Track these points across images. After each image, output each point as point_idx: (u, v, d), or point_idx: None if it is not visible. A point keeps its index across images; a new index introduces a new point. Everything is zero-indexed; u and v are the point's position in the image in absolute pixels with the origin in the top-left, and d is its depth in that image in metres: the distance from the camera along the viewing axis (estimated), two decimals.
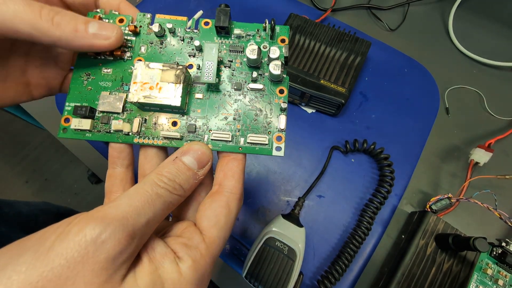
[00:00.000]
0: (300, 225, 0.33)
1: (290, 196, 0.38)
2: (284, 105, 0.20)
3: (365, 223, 0.34)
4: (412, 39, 0.48)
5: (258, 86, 0.20)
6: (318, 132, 0.41)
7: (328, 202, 0.37)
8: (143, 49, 0.21)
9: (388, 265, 0.34)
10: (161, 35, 0.21)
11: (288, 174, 0.39)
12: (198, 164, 0.17)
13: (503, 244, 0.29)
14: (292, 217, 0.34)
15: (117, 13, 0.21)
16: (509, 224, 0.30)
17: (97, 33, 0.18)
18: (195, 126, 0.20)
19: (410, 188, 0.38)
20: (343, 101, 0.37)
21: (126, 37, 0.21)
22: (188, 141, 0.19)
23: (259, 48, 0.19)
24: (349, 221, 0.36)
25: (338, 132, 0.41)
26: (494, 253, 0.29)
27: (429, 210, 0.34)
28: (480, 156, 0.36)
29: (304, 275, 0.33)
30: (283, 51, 0.20)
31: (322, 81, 0.38)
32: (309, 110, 0.42)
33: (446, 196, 0.34)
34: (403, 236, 0.34)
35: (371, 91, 0.43)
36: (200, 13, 0.47)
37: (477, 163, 0.37)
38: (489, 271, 0.28)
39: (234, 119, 0.20)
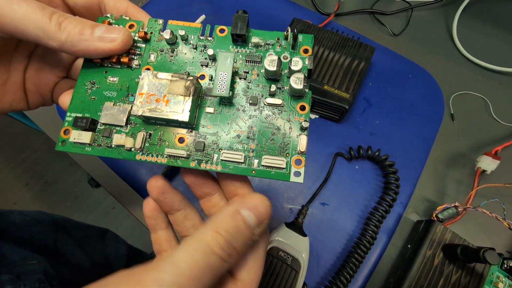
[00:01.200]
0: (303, 234, 0.32)
1: (293, 203, 0.37)
2: (306, 124, 0.17)
3: (370, 232, 0.33)
4: (416, 44, 0.47)
5: (277, 101, 0.18)
6: (321, 138, 0.40)
7: (332, 210, 0.36)
8: (152, 57, 0.19)
9: (394, 275, 0.33)
10: (172, 43, 0.20)
11: None
12: (258, 221, 0.15)
13: None
14: (296, 226, 0.33)
15: (127, 18, 0.20)
16: None
17: (102, 36, 0.17)
18: (204, 144, 0.18)
19: (415, 196, 0.37)
20: (347, 106, 0.36)
21: (135, 44, 0.20)
22: (196, 162, 0.17)
23: (279, 58, 0.17)
24: (354, 229, 0.35)
25: (342, 138, 0.40)
26: (505, 266, 0.28)
27: (435, 219, 0.33)
28: (487, 163, 0.36)
29: (308, 285, 0.32)
30: (307, 63, 0.18)
31: (325, 87, 0.38)
32: (313, 116, 0.41)
33: (453, 205, 0.34)
34: (409, 246, 0.34)
35: (375, 97, 0.42)
36: (202, 17, 0.46)
37: (484, 170, 0.36)
38: (500, 285, 0.27)
39: (248, 137, 0.18)
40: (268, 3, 0.49)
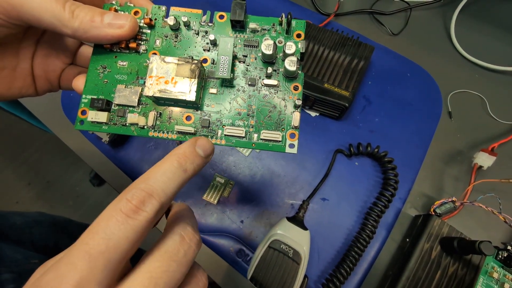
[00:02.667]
0: (304, 228, 0.33)
1: (294, 199, 0.38)
2: (299, 102, 0.19)
3: (369, 226, 0.34)
4: (415, 43, 0.48)
5: (273, 82, 0.20)
6: (322, 135, 0.41)
7: (332, 205, 0.37)
8: (158, 43, 0.21)
9: (392, 268, 0.34)
10: (176, 29, 0.21)
11: (292, 177, 0.39)
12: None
13: (509, 247, 0.29)
14: (297, 220, 0.34)
15: (132, 5, 0.21)
16: None
17: (111, 23, 0.18)
18: (209, 121, 0.20)
19: (414, 192, 0.38)
20: (346, 104, 0.37)
21: (141, 30, 0.21)
22: (202, 136, 0.20)
23: (274, 43, 0.19)
24: (353, 224, 0.36)
25: (342, 135, 0.41)
26: (500, 256, 0.29)
27: (433, 213, 0.34)
28: (484, 160, 0.37)
29: (309, 278, 0.33)
30: (299, 47, 0.20)
31: (326, 85, 0.38)
32: (313, 114, 0.42)
33: (450, 200, 0.35)
34: (407, 240, 0.34)
35: (375, 95, 0.43)
36: (204, 18, 0.47)
37: (480, 166, 0.37)
38: (495, 275, 0.28)
39: (248, 115, 0.20)
40: (268, 3, 0.50)
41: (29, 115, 0.87)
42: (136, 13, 0.21)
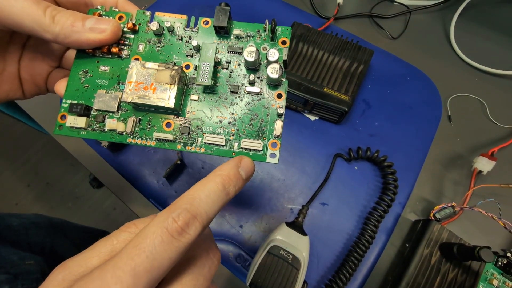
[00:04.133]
0: (304, 233, 0.33)
1: (293, 203, 0.38)
2: (281, 111, 0.19)
3: (369, 231, 0.34)
4: (414, 47, 0.48)
5: (255, 89, 0.19)
6: (321, 139, 0.41)
7: (331, 209, 0.37)
8: (141, 48, 0.20)
9: (392, 274, 0.34)
10: (159, 34, 0.21)
11: (291, 181, 0.39)
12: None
13: (508, 254, 0.29)
14: (296, 225, 0.34)
15: (117, 10, 0.21)
16: None
17: (93, 27, 0.18)
18: (189, 128, 0.19)
19: (413, 196, 0.38)
20: (346, 109, 0.37)
21: (124, 35, 0.21)
22: (181, 144, 0.19)
23: (257, 50, 0.19)
24: (353, 229, 0.36)
25: (341, 139, 0.41)
26: (500, 263, 0.29)
27: (433, 218, 0.34)
28: (483, 164, 0.37)
29: (309, 284, 0.33)
30: (283, 54, 0.19)
31: (325, 89, 0.38)
32: (312, 118, 0.42)
33: (449, 205, 0.34)
34: (407, 245, 0.34)
35: (374, 99, 0.43)
36: None
37: (480, 171, 0.37)
38: (495, 282, 0.28)
39: (229, 122, 0.19)
40: (269, 7, 0.50)
41: (27, 118, 0.87)
42: (120, 18, 0.21)
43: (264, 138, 0.19)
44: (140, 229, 0.13)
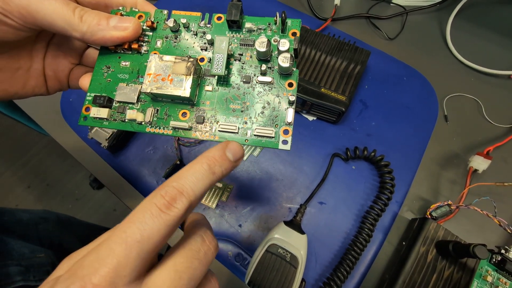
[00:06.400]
0: (302, 232, 0.33)
1: (292, 203, 0.38)
2: (292, 98, 0.20)
3: (366, 230, 0.35)
4: (411, 48, 0.49)
5: (267, 79, 0.20)
6: (319, 139, 0.41)
7: (329, 208, 0.38)
8: (158, 43, 0.22)
9: (389, 272, 0.34)
10: (175, 30, 0.22)
11: (290, 181, 0.39)
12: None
13: (502, 251, 0.29)
14: (294, 224, 0.34)
15: (137, 10, 0.22)
16: (508, 231, 0.31)
17: (116, 25, 0.20)
18: (203, 117, 0.20)
19: (410, 195, 0.38)
20: (343, 109, 0.38)
21: (144, 32, 0.22)
22: (197, 132, 0.20)
23: (268, 40, 0.20)
24: (350, 227, 0.37)
25: (339, 139, 0.41)
26: (494, 260, 0.30)
27: (429, 217, 0.35)
28: (479, 163, 0.37)
29: (306, 282, 0.33)
30: (293, 44, 0.20)
31: (323, 90, 0.39)
32: (310, 118, 0.43)
33: (446, 203, 0.35)
34: (404, 243, 0.35)
35: (371, 99, 0.44)
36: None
37: (476, 170, 0.37)
38: (489, 278, 0.28)
39: (241, 111, 0.20)
40: (267, 9, 0.51)
41: (28, 119, 0.87)
42: (140, 17, 0.22)
43: (276, 126, 0.20)
44: None
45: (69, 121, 0.44)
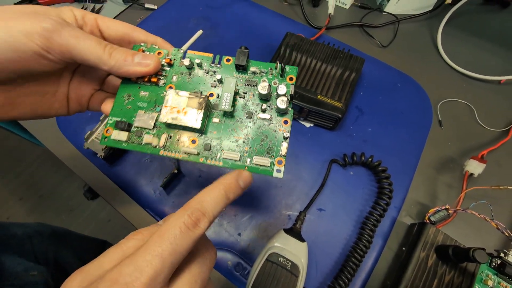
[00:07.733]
0: (302, 240, 0.33)
1: (291, 210, 0.38)
2: (287, 134, 0.23)
3: (366, 236, 0.34)
4: (404, 55, 0.50)
5: (266, 116, 0.23)
6: (316, 145, 0.41)
7: (328, 215, 0.37)
8: (174, 78, 0.25)
9: (390, 278, 0.34)
10: (190, 68, 0.25)
11: (288, 188, 0.39)
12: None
13: (501, 254, 0.29)
14: (294, 232, 0.34)
15: (156, 47, 0.25)
16: (506, 234, 0.31)
17: (140, 62, 0.23)
18: (210, 145, 0.23)
19: (408, 200, 0.39)
20: (340, 115, 0.38)
21: (162, 67, 0.25)
22: (204, 158, 0.23)
23: (269, 85, 0.23)
24: (350, 234, 0.37)
25: (336, 145, 0.41)
26: (494, 264, 0.30)
27: (428, 221, 0.35)
28: (474, 167, 0.37)
29: None
30: (290, 89, 0.23)
31: (319, 97, 0.39)
32: (307, 125, 0.43)
33: (443, 208, 0.35)
34: (403, 249, 0.35)
35: (367, 106, 0.44)
36: (199, 32, 0.48)
37: (471, 174, 0.38)
38: (490, 283, 0.28)
39: (243, 142, 0.23)
40: (263, 18, 0.52)
41: (21, 129, 0.86)
42: (159, 53, 0.25)
43: (272, 156, 0.22)
44: (146, 237, 0.17)
45: (65, 131, 0.44)
